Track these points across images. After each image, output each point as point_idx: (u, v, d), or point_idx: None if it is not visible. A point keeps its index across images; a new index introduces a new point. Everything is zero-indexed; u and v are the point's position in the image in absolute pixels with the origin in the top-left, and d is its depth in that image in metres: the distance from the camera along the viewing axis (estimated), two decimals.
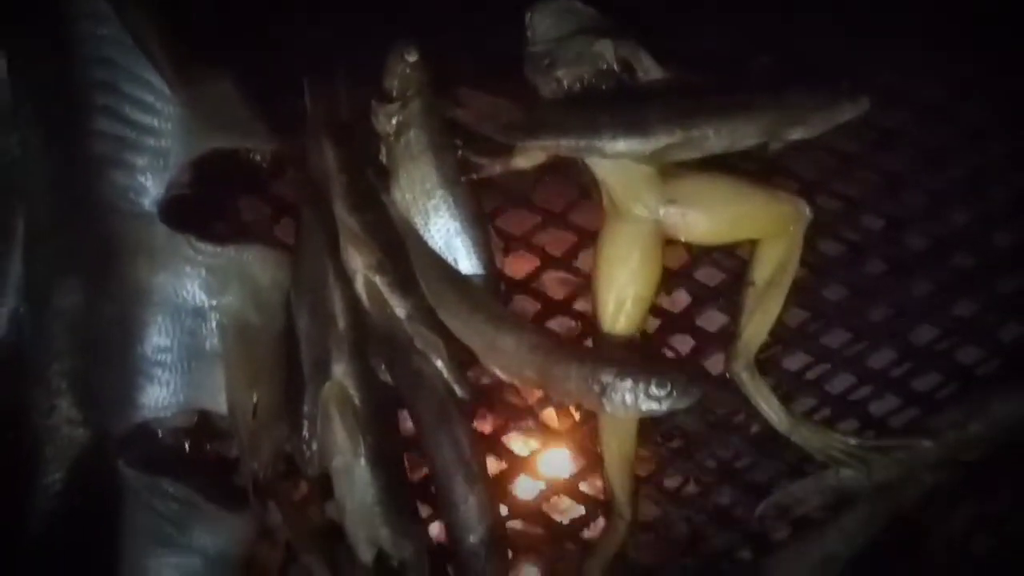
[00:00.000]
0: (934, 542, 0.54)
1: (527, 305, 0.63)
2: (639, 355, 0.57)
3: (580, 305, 0.62)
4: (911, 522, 0.55)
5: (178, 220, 0.53)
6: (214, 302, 0.53)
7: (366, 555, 0.57)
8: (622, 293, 0.56)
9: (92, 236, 0.53)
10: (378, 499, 0.56)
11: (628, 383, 0.54)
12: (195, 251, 0.52)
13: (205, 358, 0.53)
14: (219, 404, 0.54)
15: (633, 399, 0.55)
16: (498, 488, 0.60)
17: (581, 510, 0.60)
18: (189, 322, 0.53)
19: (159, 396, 0.53)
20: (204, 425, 0.56)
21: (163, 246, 0.52)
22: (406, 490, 0.58)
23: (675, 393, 0.54)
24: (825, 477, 0.56)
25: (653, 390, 0.55)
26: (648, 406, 0.55)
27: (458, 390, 0.58)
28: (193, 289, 0.53)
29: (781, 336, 0.59)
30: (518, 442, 0.62)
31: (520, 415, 0.60)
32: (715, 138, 0.54)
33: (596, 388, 0.55)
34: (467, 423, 0.58)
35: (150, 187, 0.52)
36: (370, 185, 0.59)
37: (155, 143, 0.52)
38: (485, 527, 0.57)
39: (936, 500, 0.56)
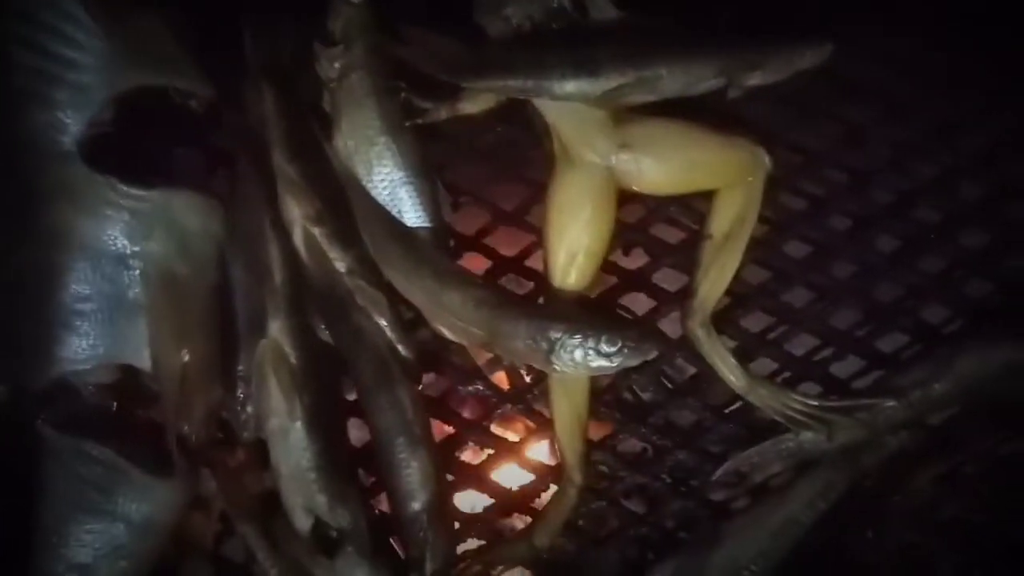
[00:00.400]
0: (895, 507, 0.53)
1: (478, 263, 0.61)
2: (590, 311, 0.54)
3: (532, 263, 0.60)
4: (872, 486, 0.53)
5: (100, 161, 0.49)
6: (137, 248, 0.49)
7: (302, 523, 0.54)
8: (574, 245, 0.53)
9: (10, 176, 0.49)
10: (314, 464, 0.53)
11: (577, 339, 0.52)
12: (118, 194, 0.49)
13: (128, 309, 0.49)
14: (144, 359, 0.50)
15: (583, 356, 0.52)
16: (444, 455, 0.57)
17: (531, 478, 0.58)
18: (110, 269, 0.49)
19: (78, 348, 0.49)
20: (131, 384, 0.52)
21: (84, 188, 0.48)
22: (345, 455, 0.55)
23: (626, 350, 0.52)
24: (784, 441, 0.54)
25: (603, 347, 0.52)
26: (598, 363, 0.52)
27: (401, 349, 0.55)
28: (115, 234, 0.49)
29: (740, 294, 0.57)
30: (467, 408, 0.60)
31: (468, 378, 0.58)
32: (668, 79, 0.51)
33: (544, 345, 0.52)
34: (410, 384, 0.54)
35: (70, 124, 0.49)
36: (311, 133, 0.56)
37: (76, 77, 0.48)
38: (428, 494, 0.53)
39: (898, 463, 0.54)
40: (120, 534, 0.52)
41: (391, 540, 0.56)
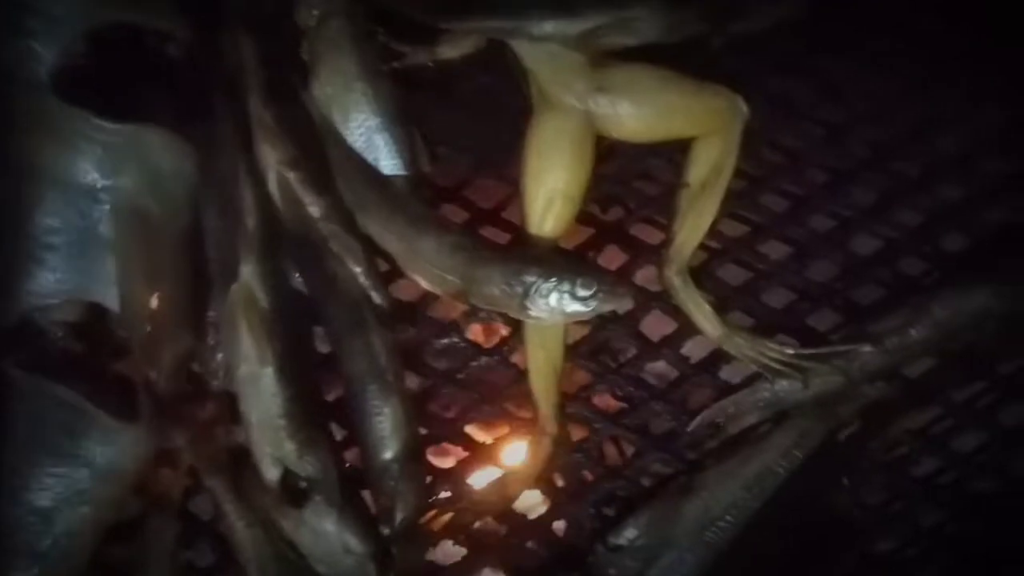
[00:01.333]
0: (871, 457, 0.52)
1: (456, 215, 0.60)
2: (565, 256, 0.53)
3: (511, 215, 0.59)
4: (849, 436, 0.52)
5: (74, 93, 0.48)
6: (108, 183, 0.48)
7: (271, 473, 0.53)
8: (551, 190, 0.53)
9: None
10: (284, 410, 0.52)
11: (552, 283, 0.51)
12: (91, 127, 0.47)
13: (98, 244, 0.48)
14: (112, 298, 0.49)
15: (558, 301, 0.51)
16: (418, 408, 0.56)
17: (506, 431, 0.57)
18: (80, 203, 0.48)
19: (46, 282, 0.48)
20: (98, 325, 0.51)
21: (57, 119, 0.47)
22: (315, 404, 0.54)
23: (601, 294, 0.51)
24: (759, 390, 0.53)
25: (579, 291, 0.51)
26: (573, 308, 0.51)
27: (376, 296, 0.54)
28: (87, 167, 0.48)
29: (717, 246, 0.56)
30: (442, 360, 0.59)
31: (444, 330, 0.58)
32: (648, 21, 0.51)
33: (519, 289, 0.51)
34: (383, 331, 0.53)
35: (44, 55, 0.48)
36: (288, 79, 0.55)
37: (48, 7, 0.48)
38: (400, 443, 0.53)
39: (875, 414, 0.54)
40: (83, 479, 0.50)
41: (361, 494, 0.55)
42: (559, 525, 0.56)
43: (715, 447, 0.54)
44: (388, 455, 0.53)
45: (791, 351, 0.53)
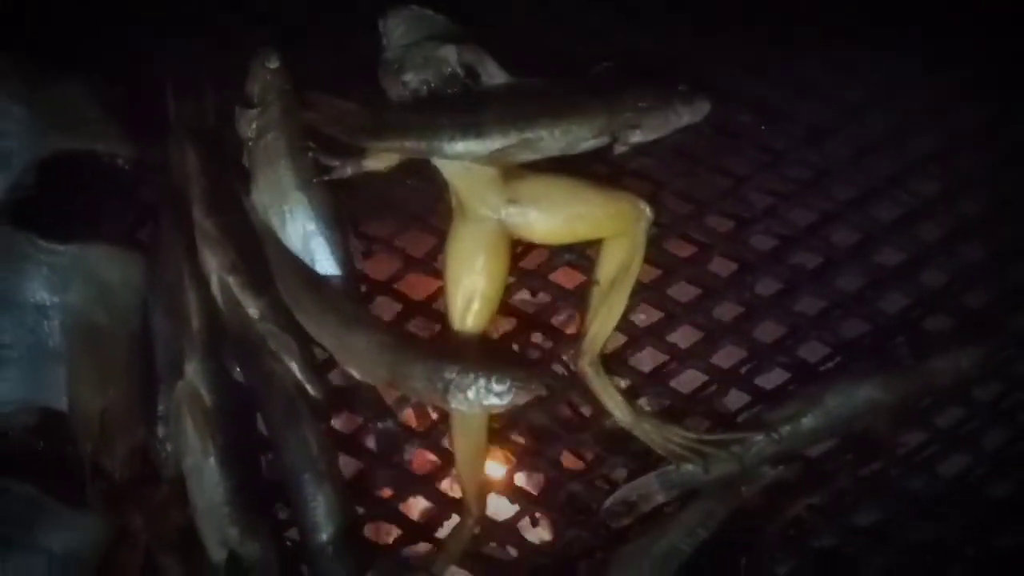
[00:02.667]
0: (769, 535, 0.56)
1: (389, 307, 0.65)
2: (484, 353, 0.57)
3: (441, 306, 0.63)
4: (748, 515, 0.56)
5: (20, 218, 0.53)
6: (56, 300, 0.53)
7: (217, 555, 0.57)
8: (469, 291, 0.57)
9: None
10: (227, 499, 0.57)
11: (470, 379, 0.55)
12: (37, 249, 0.53)
13: (49, 356, 0.54)
14: (63, 403, 0.54)
15: (475, 395, 0.56)
16: (355, 488, 0.61)
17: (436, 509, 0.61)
18: (31, 319, 0.53)
19: (1, 391, 0.53)
20: (54, 424, 0.56)
21: (5, 244, 0.53)
22: (257, 491, 0.58)
23: (515, 389, 0.55)
24: (667, 472, 0.57)
25: (494, 386, 0.56)
26: (490, 401, 0.56)
27: (311, 389, 0.58)
28: (34, 287, 0.53)
29: (630, 334, 0.60)
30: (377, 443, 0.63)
31: (379, 414, 0.61)
32: (550, 140, 0.56)
33: (440, 385, 0.56)
34: (316, 423, 0.58)
35: None
36: (230, 188, 0.60)
37: (2, 143, 0.53)
38: (334, 526, 0.57)
39: (775, 494, 0.57)
40: (40, 565, 0.55)
41: (302, 570, 0.59)
42: None
43: (629, 524, 0.58)
44: (323, 537, 0.57)
45: (693, 436, 0.57)
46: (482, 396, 0.56)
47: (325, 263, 0.60)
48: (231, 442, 0.57)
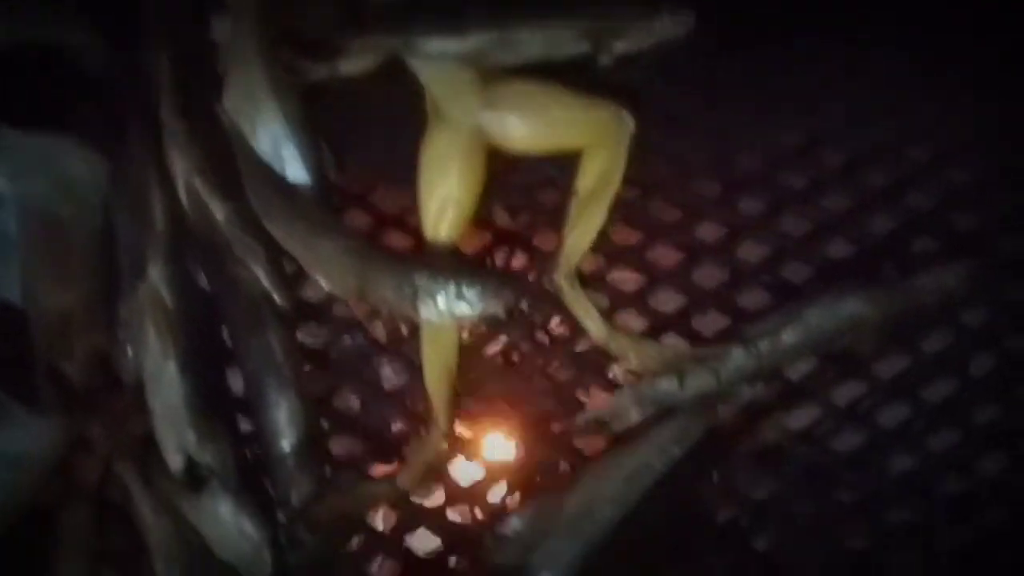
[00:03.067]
0: (745, 455, 0.54)
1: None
2: (455, 261, 0.56)
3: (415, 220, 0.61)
4: (722, 434, 0.54)
5: None
6: (16, 188, 0.52)
7: (174, 461, 0.55)
8: (442, 198, 0.55)
9: None
10: (185, 402, 0.55)
11: (439, 284, 0.54)
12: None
13: (5, 245, 0.52)
14: (17, 296, 0.53)
15: (445, 302, 0.54)
16: (321, 403, 0.59)
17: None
18: None
19: None
20: (10, 320, 0.55)
21: None
22: (217, 397, 0.57)
23: (487, 296, 0.54)
24: (641, 389, 0.55)
25: (465, 292, 0.54)
26: (460, 310, 0.54)
27: (277, 298, 0.57)
28: None
29: (607, 251, 0.58)
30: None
31: (347, 328, 0.60)
32: (530, 41, 0.54)
33: (409, 291, 0.54)
34: (281, 330, 0.56)
35: None
36: (201, 91, 0.59)
37: None
38: (297, 434, 0.55)
39: (752, 413, 0.56)
40: None
41: (262, 483, 0.57)
42: (455, 514, 0.58)
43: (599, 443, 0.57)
44: (285, 446, 0.55)
45: (670, 351, 0.56)
46: (452, 303, 0.54)
47: (295, 170, 0.58)
48: (192, 346, 0.56)
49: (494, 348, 0.59)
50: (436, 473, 0.57)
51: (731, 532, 0.54)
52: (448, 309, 0.54)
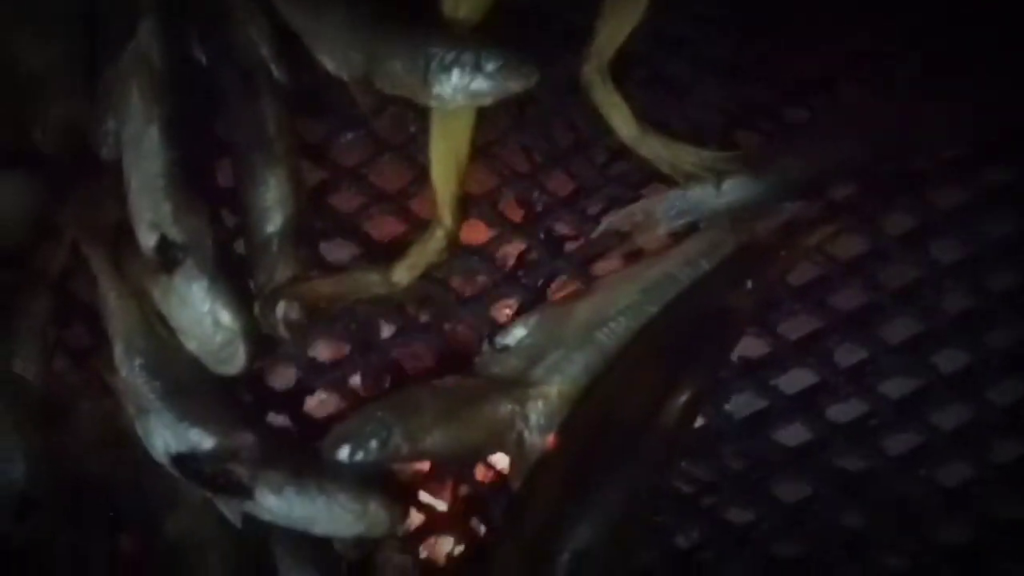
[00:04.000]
0: (781, 265, 0.48)
1: None
2: (474, 35, 0.50)
3: None
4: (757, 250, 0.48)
5: None
6: None
7: (147, 238, 0.50)
8: None
9: None
10: (164, 170, 0.50)
11: (455, 55, 0.48)
12: None
13: None
14: None
15: (460, 77, 0.48)
16: (316, 201, 0.53)
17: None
18: None
19: None
20: None
21: None
22: (201, 176, 0.51)
23: (507, 70, 0.48)
24: (670, 196, 0.49)
25: (483, 64, 0.48)
26: (478, 85, 0.48)
27: (275, 70, 0.51)
28: None
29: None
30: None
31: (350, 121, 0.54)
32: None
33: (422, 63, 0.48)
34: (275, 102, 0.51)
35: None
36: None
37: None
38: (283, 216, 0.50)
39: (791, 233, 0.49)
40: None
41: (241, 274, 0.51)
42: (450, 328, 0.53)
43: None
44: (270, 228, 0.50)
45: (707, 154, 0.49)
46: (468, 78, 0.48)
47: None
48: (177, 114, 0.50)
49: None
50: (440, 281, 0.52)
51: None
52: (464, 85, 0.48)
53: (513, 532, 0.45)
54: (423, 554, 0.50)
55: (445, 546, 0.51)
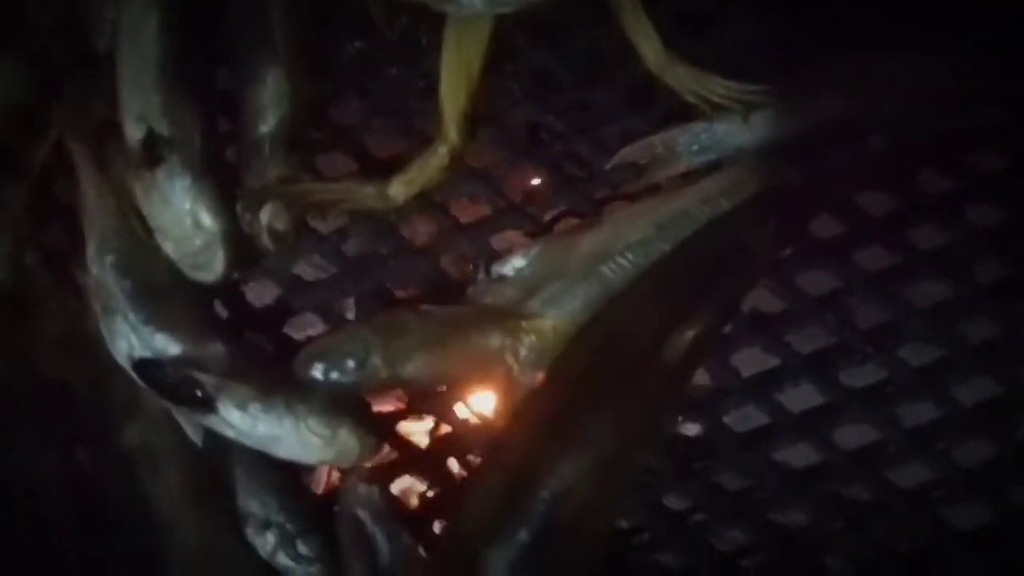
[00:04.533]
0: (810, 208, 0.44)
1: None
2: None
3: None
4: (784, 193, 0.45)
5: None
6: None
7: (133, 132, 0.47)
8: None
9: None
10: (158, 60, 0.47)
11: None
12: None
13: None
14: None
15: None
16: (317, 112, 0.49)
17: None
18: None
19: None
20: None
21: None
22: (195, 77, 0.48)
23: None
24: (693, 129, 0.46)
25: None
26: None
27: None
28: None
29: None
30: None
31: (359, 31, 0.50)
32: None
33: None
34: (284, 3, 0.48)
35: None
36: None
37: None
38: (278, 116, 0.47)
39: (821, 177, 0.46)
40: None
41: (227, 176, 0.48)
42: (446, 259, 0.50)
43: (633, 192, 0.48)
44: (263, 128, 0.47)
45: (736, 85, 0.46)
46: None
47: None
48: (179, 5, 0.47)
49: None
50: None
51: None
52: None
53: (492, 467, 0.42)
54: (394, 490, 0.47)
55: (418, 486, 0.49)
